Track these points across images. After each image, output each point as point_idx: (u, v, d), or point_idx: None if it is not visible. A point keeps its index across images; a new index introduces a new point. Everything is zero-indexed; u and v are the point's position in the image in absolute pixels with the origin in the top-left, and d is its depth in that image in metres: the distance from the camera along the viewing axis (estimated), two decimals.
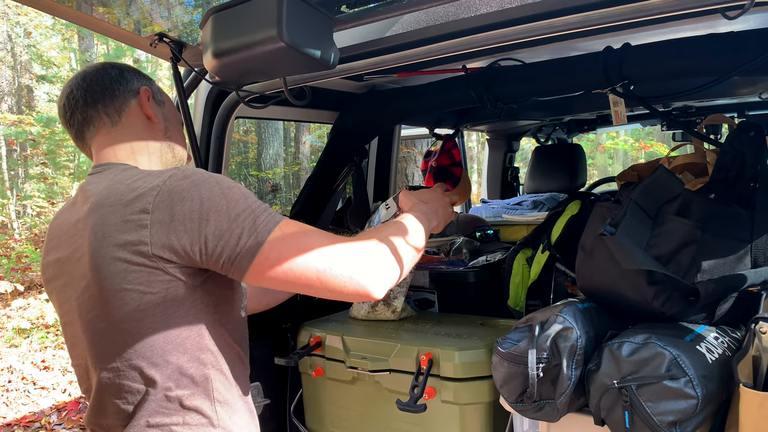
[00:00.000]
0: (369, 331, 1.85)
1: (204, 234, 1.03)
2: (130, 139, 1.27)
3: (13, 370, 5.29)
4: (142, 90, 1.30)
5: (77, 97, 1.25)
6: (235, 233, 1.03)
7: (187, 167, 1.13)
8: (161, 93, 1.37)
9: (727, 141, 1.59)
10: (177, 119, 1.40)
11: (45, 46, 11.63)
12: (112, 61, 1.36)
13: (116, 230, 1.05)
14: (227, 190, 1.06)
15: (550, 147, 3.97)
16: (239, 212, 1.04)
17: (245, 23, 1.26)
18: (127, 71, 1.31)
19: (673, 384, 1.18)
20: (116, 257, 1.04)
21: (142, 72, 1.38)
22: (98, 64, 1.32)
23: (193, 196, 1.04)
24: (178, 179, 1.06)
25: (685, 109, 2.91)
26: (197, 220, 1.03)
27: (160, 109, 1.34)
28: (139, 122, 1.29)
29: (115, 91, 1.27)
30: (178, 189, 1.05)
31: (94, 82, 1.26)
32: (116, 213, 1.06)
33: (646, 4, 1.26)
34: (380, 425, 1.77)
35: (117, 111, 1.27)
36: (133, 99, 1.29)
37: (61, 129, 9.72)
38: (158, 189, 1.05)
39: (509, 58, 1.98)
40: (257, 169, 9.25)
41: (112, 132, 1.26)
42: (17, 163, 10.78)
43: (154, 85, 1.36)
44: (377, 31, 1.62)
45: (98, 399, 1.14)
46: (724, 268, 1.37)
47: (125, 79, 1.29)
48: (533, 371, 1.32)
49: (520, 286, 1.90)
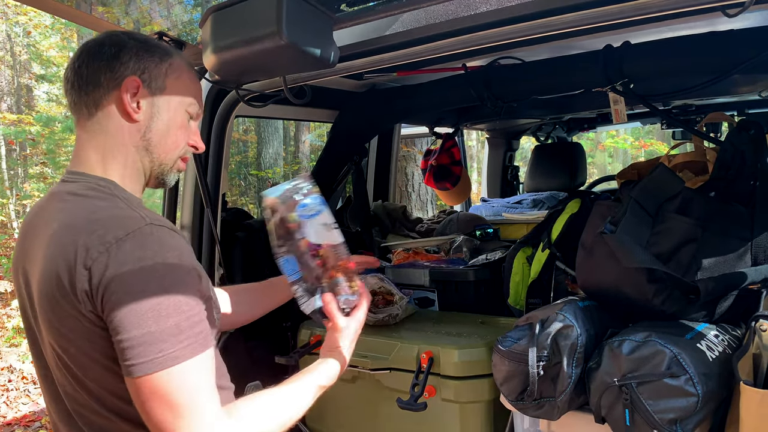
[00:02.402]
0: (369, 330, 1.85)
1: (113, 318, 0.94)
2: (101, 141, 1.11)
3: (14, 369, 5.29)
4: (126, 80, 1.08)
5: (68, 77, 1.11)
6: (133, 341, 0.93)
7: (146, 230, 0.98)
8: (166, 75, 1.14)
9: (727, 139, 1.59)
10: (176, 111, 1.16)
11: (44, 45, 11.61)
12: (119, 33, 1.14)
13: (60, 283, 0.98)
14: (160, 304, 0.93)
15: (550, 145, 3.97)
16: (152, 330, 0.92)
17: (245, 22, 1.26)
18: (126, 50, 1.10)
19: (673, 382, 1.18)
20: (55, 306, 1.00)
21: (156, 46, 1.15)
22: (102, 36, 1.13)
23: (126, 284, 0.93)
24: (125, 254, 0.94)
25: (685, 107, 2.91)
26: (115, 304, 0.93)
27: (151, 100, 1.12)
28: (113, 120, 1.10)
29: (101, 78, 1.09)
30: (118, 268, 0.93)
31: (86, 61, 1.09)
32: (66, 265, 0.98)
33: (646, 2, 1.26)
34: (381, 424, 1.77)
35: (95, 102, 1.10)
36: (116, 90, 1.09)
37: (60, 129, 9.72)
38: (99, 254, 0.95)
39: (509, 56, 1.98)
40: (257, 168, 9.25)
41: (88, 126, 1.11)
42: (17, 163, 10.77)
43: (163, 64, 1.13)
44: (377, 30, 1.62)
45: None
46: (725, 266, 1.37)
47: (117, 63, 1.09)
48: (534, 369, 1.32)
49: (521, 285, 1.90)
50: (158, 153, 1.15)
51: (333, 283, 1.23)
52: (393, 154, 3.25)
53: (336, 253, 1.22)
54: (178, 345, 0.94)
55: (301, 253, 1.22)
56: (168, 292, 0.94)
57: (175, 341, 0.94)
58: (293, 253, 1.23)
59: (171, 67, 1.14)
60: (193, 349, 0.95)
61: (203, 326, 0.99)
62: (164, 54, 1.15)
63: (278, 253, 1.24)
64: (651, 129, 11.69)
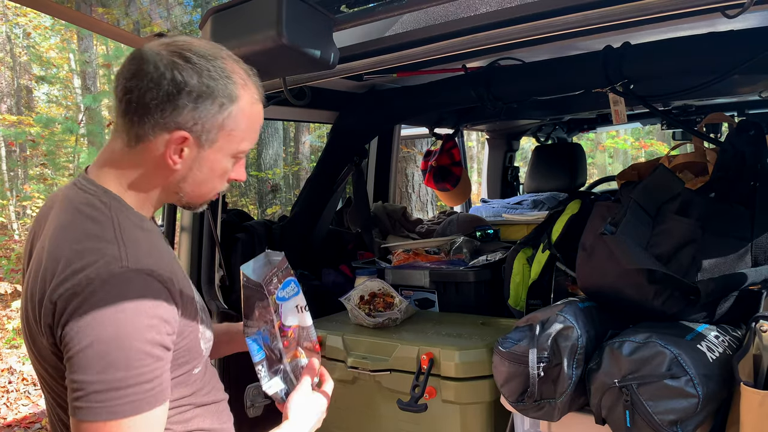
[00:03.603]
0: (369, 331, 1.85)
1: (67, 356, 0.93)
2: (130, 170, 1.06)
3: (14, 371, 5.28)
4: (176, 135, 1.01)
5: (117, 92, 1.03)
6: (78, 384, 0.91)
7: (116, 274, 0.94)
8: (221, 129, 1.04)
9: (727, 140, 1.59)
10: (221, 162, 1.08)
11: (44, 46, 11.62)
12: (185, 63, 1.01)
13: (35, 307, 0.99)
14: (109, 355, 0.91)
15: (550, 146, 3.98)
16: (97, 379, 0.90)
17: (245, 23, 1.26)
18: (184, 94, 0.99)
19: (673, 383, 1.18)
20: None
21: (223, 88, 1.02)
22: (167, 59, 1.00)
23: (82, 329, 0.91)
24: (90, 298, 0.92)
25: (685, 107, 2.91)
26: (69, 345, 0.92)
27: (196, 153, 1.04)
28: (150, 157, 1.04)
29: (149, 116, 1.00)
30: (80, 311, 0.92)
31: (139, 87, 0.99)
32: (41, 291, 0.97)
33: (645, 3, 1.26)
34: (381, 425, 1.77)
35: (136, 135, 1.02)
36: (162, 134, 1.01)
37: (60, 130, 9.72)
38: (67, 291, 0.93)
39: (509, 57, 1.98)
40: (257, 169, 9.24)
41: (124, 150, 1.05)
42: (17, 164, 10.78)
43: (222, 114, 1.03)
44: (377, 31, 1.62)
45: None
46: (725, 267, 1.37)
47: (171, 107, 0.99)
48: (534, 371, 1.32)
49: (521, 286, 1.90)
50: (188, 197, 1.11)
51: (294, 363, 1.23)
52: (393, 155, 3.25)
53: (303, 334, 1.23)
54: (120, 400, 0.91)
55: (271, 334, 1.21)
56: (120, 345, 0.91)
57: (118, 395, 0.91)
58: (262, 333, 1.21)
59: (229, 117, 1.04)
60: (136, 407, 0.92)
61: (157, 382, 0.95)
62: (228, 100, 1.03)
63: (247, 332, 1.20)
64: (651, 130, 11.69)
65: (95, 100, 9.73)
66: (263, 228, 2.39)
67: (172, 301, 1.00)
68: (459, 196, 3.08)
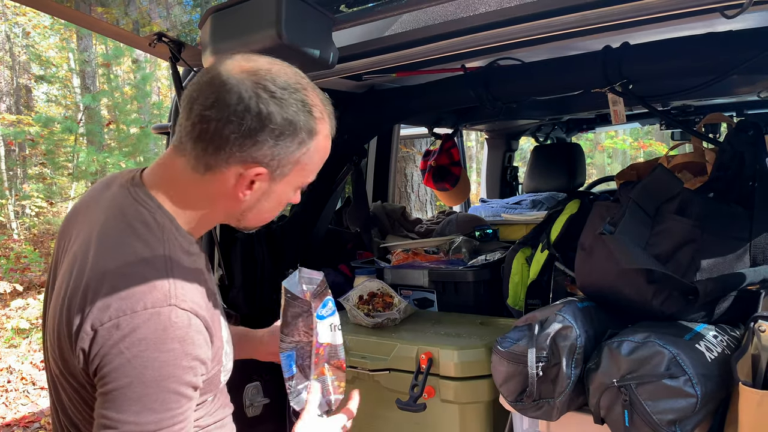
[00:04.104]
0: (368, 331, 1.86)
1: (101, 388, 0.92)
2: (195, 198, 1.03)
3: (13, 370, 5.28)
4: (251, 170, 0.98)
5: (190, 114, 0.98)
6: (110, 422, 0.90)
7: (163, 312, 0.92)
8: (296, 164, 1.02)
9: (726, 140, 1.59)
10: (287, 193, 1.07)
11: (43, 46, 11.62)
12: (270, 97, 0.97)
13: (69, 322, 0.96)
14: (148, 396, 0.90)
15: (549, 146, 3.98)
16: (131, 419, 0.90)
17: (244, 23, 1.26)
18: (267, 131, 0.96)
19: (672, 382, 1.18)
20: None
21: (305, 124, 1.00)
22: (251, 91, 0.96)
23: (121, 365, 0.90)
24: (132, 333, 0.90)
25: (684, 108, 2.92)
26: (105, 379, 0.91)
27: (267, 185, 1.03)
28: (217, 187, 1.01)
29: (225, 148, 0.96)
30: (121, 346, 0.90)
31: (218, 117, 0.95)
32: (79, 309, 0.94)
33: (644, 3, 1.27)
34: (380, 424, 1.77)
35: (207, 164, 0.98)
36: (239, 167, 0.98)
37: (59, 129, 9.71)
38: (109, 322, 0.91)
39: (508, 57, 1.98)
40: None
41: (188, 174, 1.01)
42: (16, 163, 10.77)
43: (299, 151, 1.01)
44: (376, 31, 1.62)
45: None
46: (723, 267, 1.37)
47: (251, 142, 0.96)
48: (533, 370, 1.32)
49: (520, 286, 1.90)
50: (248, 223, 1.10)
51: (321, 380, 1.23)
52: (392, 155, 3.25)
53: (332, 352, 1.24)
54: None
55: (304, 351, 1.22)
56: (159, 388, 0.90)
57: None
58: (296, 349, 1.22)
59: (306, 154, 1.03)
60: None
61: (186, 423, 0.95)
62: (308, 135, 1.01)
63: (282, 347, 1.23)
64: (650, 130, 11.70)
65: (94, 99, 9.74)
66: (262, 227, 2.39)
67: (210, 342, 0.99)
68: (458, 195, 3.08)
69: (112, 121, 10.55)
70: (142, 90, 10.97)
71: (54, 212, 10.47)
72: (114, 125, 10.46)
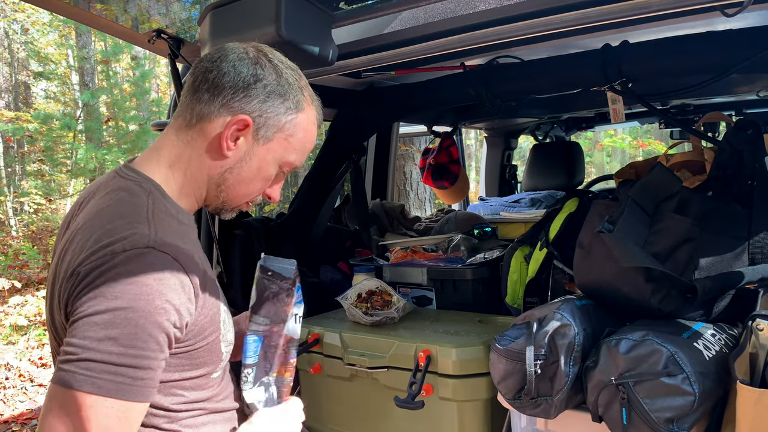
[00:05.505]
0: (367, 328, 1.86)
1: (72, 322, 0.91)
2: (179, 153, 1.08)
3: (11, 367, 5.28)
4: (236, 118, 1.04)
5: (196, 75, 1.07)
6: (71, 347, 0.87)
7: (144, 254, 0.92)
8: (280, 130, 1.08)
9: (725, 139, 1.59)
10: (268, 165, 1.11)
11: (42, 42, 11.59)
12: (272, 59, 1.08)
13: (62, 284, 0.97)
14: (115, 326, 0.87)
15: (548, 145, 3.98)
16: (92, 346, 0.86)
17: (244, 19, 1.26)
18: (260, 85, 1.05)
19: (670, 381, 1.18)
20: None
21: (296, 94, 1.09)
22: (260, 57, 1.07)
23: (96, 297, 0.89)
24: (111, 273, 0.90)
25: (683, 106, 2.92)
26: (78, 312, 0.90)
27: (250, 145, 1.08)
28: (204, 140, 1.06)
29: (224, 93, 1.04)
30: (98, 282, 0.90)
31: (224, 70, 1.04)
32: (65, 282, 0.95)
33: (644, 2, 1.27)
34: (378, 422, 1.77)
35: (200, 113, 1.05)
36: (225, 116, 1.05)
37: (58, 126, 9.70)
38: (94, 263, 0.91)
39: (508, 55, 1.98)
40: None
41: (179, 133, 1.08)
42: (14, 160, 10.76)
43: (285, 117, 1.08)
44: (376, 28, 1.62)
45: None
46: (722, 266, 1.37)
47: (243, 93, 1.04)
48: (531, 368, 1.33)
49: (518, 284, 1.90)
50: (227, 193, 1.12)
51: (279, 380, 1.19)
52: (391, 153, 3.25)
53: (291, 349, 1.19)
54: (109, 376, 0.86)
55: (272, 338, 1.16)
56: (128, 319, 0.88)
57: (108, 370, 0.86)
58: (264, 337, 1.15)
59: (291, 122, 1.09)
60: (122, 390, 0.87)
61: (149, 374, 0.91)
62: (295, 107, 1.09)
63: (252, 330, 1.15)
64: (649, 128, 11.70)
65: (93, 96, 9.72)
66: (261, 225, 2.39)
67: (191, 293, 0.97)
68: (457, 193, 3.09)
69: (111, 118, 10.53)
70: (141, 87, 10.95)
71: (52, 209, 10.46)
72: (113, 122, 10.44)
